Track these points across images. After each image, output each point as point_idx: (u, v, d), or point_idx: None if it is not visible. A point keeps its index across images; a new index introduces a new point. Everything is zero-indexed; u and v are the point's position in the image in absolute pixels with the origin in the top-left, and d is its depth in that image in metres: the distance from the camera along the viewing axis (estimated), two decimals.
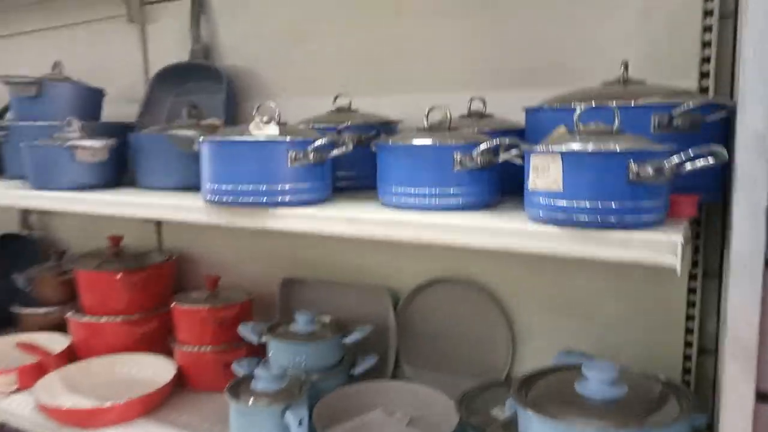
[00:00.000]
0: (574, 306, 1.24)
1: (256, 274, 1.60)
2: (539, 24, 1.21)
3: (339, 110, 1.27)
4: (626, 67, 0.97)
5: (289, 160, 0.93)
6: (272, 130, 0.96)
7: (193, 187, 1.14)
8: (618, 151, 0.71)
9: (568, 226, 0.73)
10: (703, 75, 1.07)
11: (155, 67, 1.64)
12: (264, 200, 0.93)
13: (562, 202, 0.72)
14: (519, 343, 1.30)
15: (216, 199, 0.96)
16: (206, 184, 0.98)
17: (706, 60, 1.07)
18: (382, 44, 1.38)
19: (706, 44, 1.07)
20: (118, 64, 1.77)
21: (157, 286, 1.58)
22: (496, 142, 0.85)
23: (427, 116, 0.96)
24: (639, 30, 1.12)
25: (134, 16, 1.71)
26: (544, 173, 0.72)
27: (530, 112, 1.02)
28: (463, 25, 1.29)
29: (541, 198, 0.75)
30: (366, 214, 0.88)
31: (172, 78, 1.61)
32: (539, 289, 1.27)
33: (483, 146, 0.86)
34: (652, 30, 1.11)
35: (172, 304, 1.45)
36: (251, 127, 0.96)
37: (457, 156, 0.86)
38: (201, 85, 1.61)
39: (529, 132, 1.02)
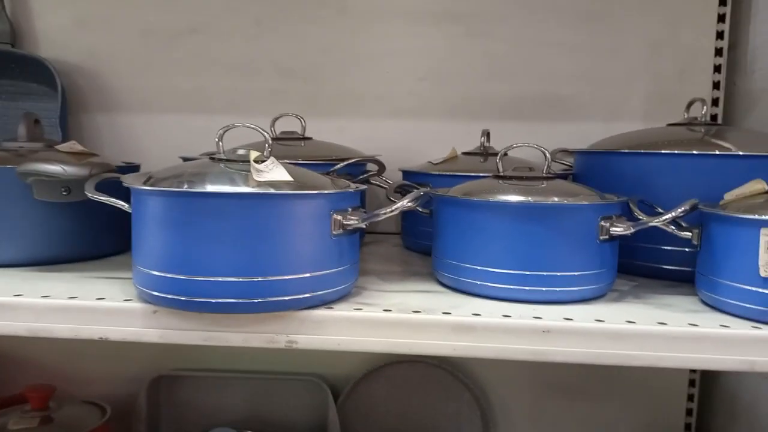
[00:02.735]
0: (561, 385, 1.04)
1: (110, 370, 1.06)
2: (533, 49, 1.01)
3: (284, 139, 0.88)
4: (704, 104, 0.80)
5: (332, 227, 0.55)
6: (279, 174, 0.56)
7: (52, 261, 0.70)
8: None
9: None
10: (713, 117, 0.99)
11: None
12: (284, 299, 0.53)
13: None
14: (494, 429, 1.06)
15: (181, 300, 0.52)
16: (149, 270, 0.53)
17: (715, 102, 0.99)
18: (315, 50, 1.03)
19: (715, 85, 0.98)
20: None
21: None
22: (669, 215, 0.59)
23: (501, 159, 0.67)
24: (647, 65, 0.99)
25: None
26: None
27: (585, 155, 0.80)
28: (436, 36, 1.01)
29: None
30: (473, 314, 0.54)
31: None
32: (519, 364, 1.04)
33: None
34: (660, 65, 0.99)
35: None
36: (258, 171, 0.54)
37: (604, 222, 0.59)
38: (2, 86, 1.04)
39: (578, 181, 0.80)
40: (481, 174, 0.79)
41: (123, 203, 0.59)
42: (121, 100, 1.06)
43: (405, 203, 0.55)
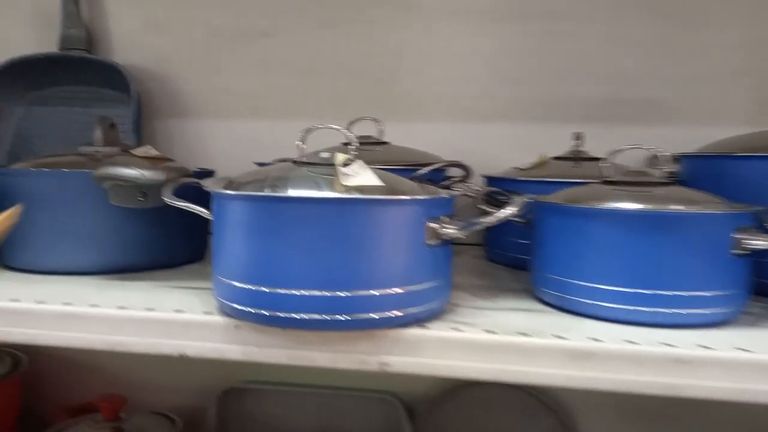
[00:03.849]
0: (654, 413, 0.95)
1: (181, 381, 1.04)
2: (622, 49, 0.93)
3: (361, 143, 0.83)
4: None
5: (427, 237, 0.49)
6: (367, 178, 0.51)
7: (127, 269, 0.66)
8: None
9: None
10: None
11: None
12: (374, 316, 0.48)
13: None
14: None
15: (264, 315, 0.48)
16: (231, 281, 0.49)
17: None
18: (382, 52, 0.98)
19: None
20: None
21: None
22: None
23: (608, 163, 0.60)
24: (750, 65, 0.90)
25: None
26: None
27: (697, 160, 0.72)
28: (516, 34, 0.95)
29: None
30: (591, 339, 0.48)
31: (22, 78, 1.02)
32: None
33: None
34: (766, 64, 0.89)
35: None
36: (345, 175, 0.50)
37: (738, 235, 0.51)
38: (75, 93, 1.04)
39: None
40: (576, 180, 0.72)
41: (202, 209, 0.56)
42: (191, 104, 1.05)
43: (512, 211, 0.48)
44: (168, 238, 0.69)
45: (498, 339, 0.47)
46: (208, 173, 0.80)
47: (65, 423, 0.94)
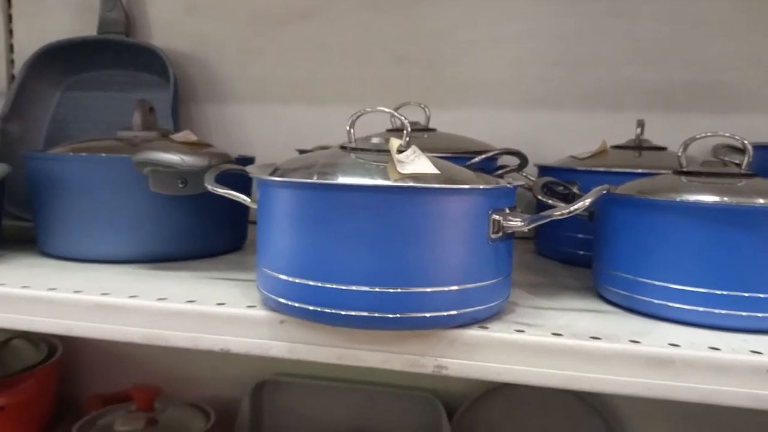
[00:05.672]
0: (708, 418, 0.89)
1: (215, 371, 1.02)
2: (690, 29, 0.86)
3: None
4: None
5: (490, 230, 0.45)
6: (423, 166, 0.47)
7: (166, 258, 0.64)
8: None
9: None
10: None
11: (28, 47, 1.01)
12: (427, 315, 0.44)
13: None
14: None
15: (309, 310, 0.45)
16: (275, 273, 0.46)
17: None
18: (434, 33, 0.94)
19: None
20: None
21: (29, 413, 0.93)
22: None
23: (683, 152, 0.55)
24: None
25: None
26: None
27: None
28: (573, 14, 0.89)
29: None
30: (670, 344, 0.43)
31: (59, 63, 1.00)
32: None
33: None
34: None
35: None
36: (399, 162, 0.46)
37: None
38: (112, 77, 1.02)
39: None
40: (640, 171, 0.68)
41: (245, 197, 0.53)
42: (230, 89, 1.02)
43: (588, 201, 0.44)
44: (207, 227, 0.66)
45: (567, 343, 0.43)
46: (248, 160, 0.78)
47: (100, 411, 0.93)
